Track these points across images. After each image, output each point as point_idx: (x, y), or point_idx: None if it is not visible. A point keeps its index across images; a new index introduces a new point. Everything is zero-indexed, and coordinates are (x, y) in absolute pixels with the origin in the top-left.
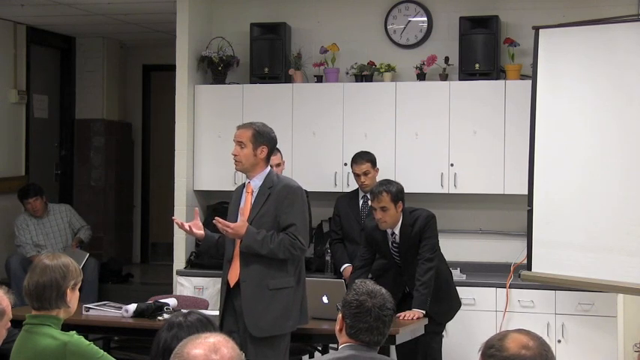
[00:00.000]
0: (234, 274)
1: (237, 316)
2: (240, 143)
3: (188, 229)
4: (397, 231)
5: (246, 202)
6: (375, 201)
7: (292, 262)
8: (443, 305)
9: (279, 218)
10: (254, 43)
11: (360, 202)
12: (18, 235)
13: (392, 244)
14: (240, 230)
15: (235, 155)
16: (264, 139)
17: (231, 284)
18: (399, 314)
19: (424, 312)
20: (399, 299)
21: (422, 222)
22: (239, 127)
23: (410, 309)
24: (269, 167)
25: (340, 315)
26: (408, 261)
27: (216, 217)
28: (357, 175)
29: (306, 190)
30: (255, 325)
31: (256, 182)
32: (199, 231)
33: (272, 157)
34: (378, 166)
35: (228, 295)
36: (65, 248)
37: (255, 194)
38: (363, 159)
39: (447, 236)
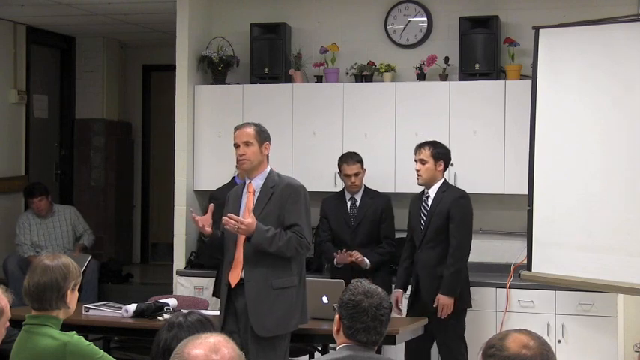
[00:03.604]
0: (235, 274)
1: (237, 317)
2: (246, 143)
3: (201, 225)
4: (432, 193)
5: (248, 202)
6: (417, 153)
7: (295, 261)
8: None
9: (283, 217)
10: (254, 43)
11: (349, 204)
12: (18, 234)
13: (423, 206)
14: (251, 227)
15: (242, 155)
16: (266, 135)
17: (233, 285)
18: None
19: (453, 297)
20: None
21: (454, 194)
22: (238, 128)
23: (422, 307)
24: (269, 166)
25: (337, 316)
26: (429, 237)
27: (229, 214)
28: (347, 176)
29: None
30: (261, 325)
31: (258, 182)
32: (208, 228)
33: None
34: (377, 166)
35: (229, 295)
36: (67, 252)
37: (257, 194)
38: (354, 160)
39: None
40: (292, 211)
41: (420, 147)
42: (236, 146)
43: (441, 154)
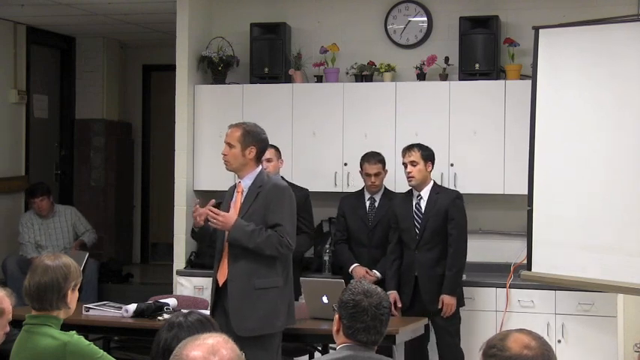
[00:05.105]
0: (222, 273)
1: (227, 316)
2: (228, 144)
3: (197, 214)
4: (425, 195)
5: (237, 202)
6: (406, 156)
7: (281, 262)
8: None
9: (267, 217)
10: (254, 43)
11: (367, 203)
12: (22, 233)
13: (415, 208)
14: (230, 220)
15: (224, 155)
16: (253, 139)
17: (220, 283)
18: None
19: (455, 297)
20: (410, 294)
21: (450, 195)
22: (230, 127)
23: (421, 307)
24: (260, 167)
25: (337, 316)
26: (426, 238)
27: (208, 207)
28: (367, 175)
29: (308, 190)
30: (241, 325)
31: (247, 182)
32: (201, 221)
33: None
34: None
35: (218, 294)
36: (65, 250)
37: (245, 194)
38: (376, 159)
39: None
40: (276, 211)
41: (408, 149)
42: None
43: (429, 155)
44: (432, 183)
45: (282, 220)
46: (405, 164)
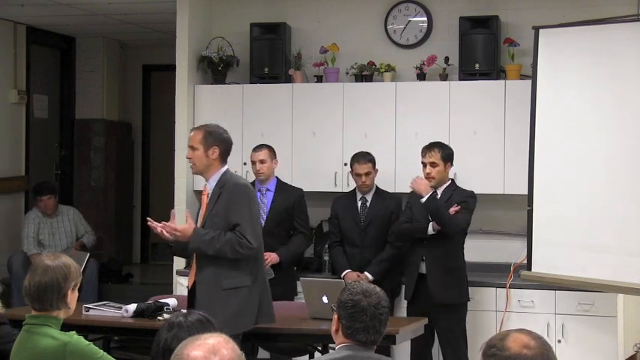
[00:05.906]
0: (191, 276)
1: None
2: (191, 147)
3: (159, 231)
4: (440, 191)
5: (203, 204)
6: (427, 156)
7: (247, 261)
8: (453, 290)
9: (228, 217)
10: (254, 43)
11: (359, 203)
12: (26, 228)
13: None
14: (187, 232)
15: (189, 158)
16: (214, 139)
17: (189, 286)
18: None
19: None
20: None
21: (464, 193)
22: (192, 130)
23: (426, 294)
24: (225, 167)
25: (336, 316)
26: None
27: (163, 222)
28: (358, 175)
29: (302, 190)
30: None
31: (212, 183)
32: (168, 234)
33: (255, 154)
34: (377, 165)
35: (190, 297)
36: (67, 250)
37: (209, 195)
38: (365, 159)
39: None
40: (235, 210)
41: (429, 149)
42: None
43: (449, 155)
44: (449, 182)
45: (242, 219)
46: (424, 164)
